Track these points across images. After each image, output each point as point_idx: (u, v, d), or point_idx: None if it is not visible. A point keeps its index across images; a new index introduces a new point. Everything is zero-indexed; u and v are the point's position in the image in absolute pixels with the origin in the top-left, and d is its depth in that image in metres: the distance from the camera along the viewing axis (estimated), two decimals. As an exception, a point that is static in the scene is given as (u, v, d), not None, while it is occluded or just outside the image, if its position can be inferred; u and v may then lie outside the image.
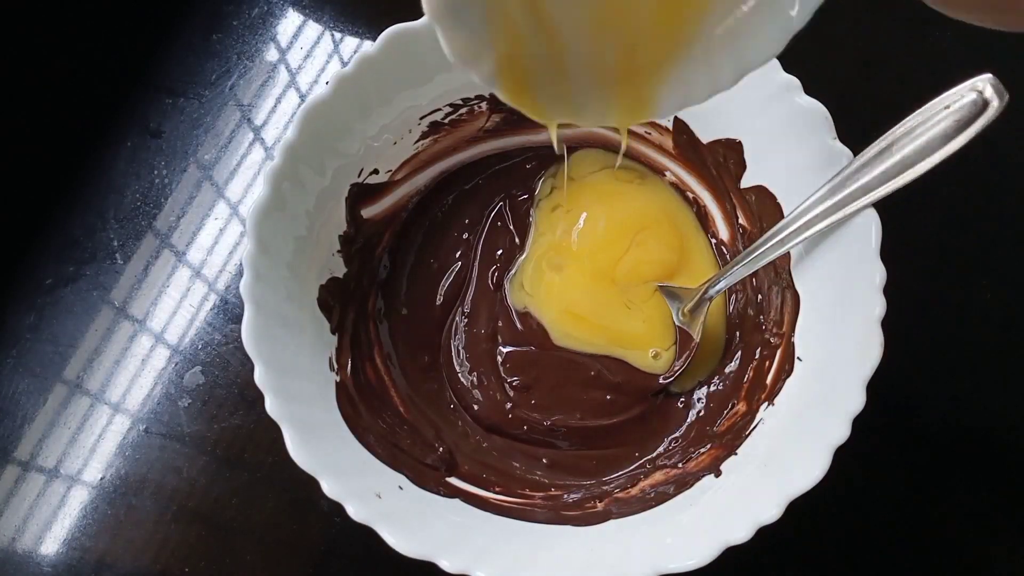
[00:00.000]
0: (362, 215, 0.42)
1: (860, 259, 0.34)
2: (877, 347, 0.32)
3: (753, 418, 0.38)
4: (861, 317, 0.33)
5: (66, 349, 0.47)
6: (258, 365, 0.33)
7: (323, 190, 0.38)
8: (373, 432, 0.38)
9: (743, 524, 0.32)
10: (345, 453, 0.36)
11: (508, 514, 0.38)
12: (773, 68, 0.36)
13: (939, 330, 0.46)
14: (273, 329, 0.35)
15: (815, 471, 0.32)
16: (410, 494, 0.36)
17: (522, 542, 0.36)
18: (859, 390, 0.32)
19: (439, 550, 0.32)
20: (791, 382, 0.37)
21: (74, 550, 0.44)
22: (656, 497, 0.38)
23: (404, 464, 0.38)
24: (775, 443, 0.36)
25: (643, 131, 0.43)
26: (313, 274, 0.39)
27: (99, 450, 0.46)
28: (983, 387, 0.45)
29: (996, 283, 0.46)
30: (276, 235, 0.36)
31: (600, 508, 0.39)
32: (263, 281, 0.35)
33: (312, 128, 0.36)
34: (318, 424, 0.35)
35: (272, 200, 0.35)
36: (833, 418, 0.32)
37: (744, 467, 0.36)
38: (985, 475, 0.44)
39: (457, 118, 0.42)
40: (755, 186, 0.40)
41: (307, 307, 0.39)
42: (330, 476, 0.32)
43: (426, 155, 0.43)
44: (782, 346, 0.39)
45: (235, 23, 0.52)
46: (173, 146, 0.50)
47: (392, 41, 0.36)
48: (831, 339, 0.35)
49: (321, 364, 0.38)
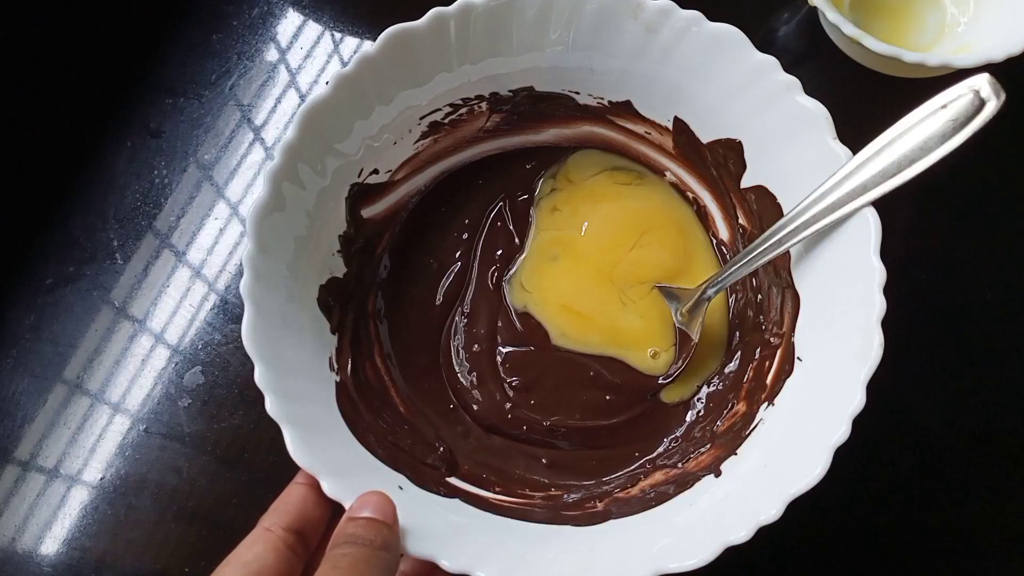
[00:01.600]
0: (362, 215, 0.42)
1: (860, 258, 0.34)
2: (877, 347, 0.32)
3: (753, 418, 0.38)
4: (861, 317, 0.33)
5: (66, 349, 0.47)
6: (258, 365, 0.33)
7: (323, 190, 0.38)
8: (373, 432, 0.38)
9: (743, 524, 0.32)
10: (345, 453, 0.36)
11: (508, 514, 0.38)
12: (773, 68, 0.36)
13: (940, 329, 0.46)
14: (273, 329, 0.35)
15: (815, 471, 0.32)
16: (410, 494, 0.36)
17: (522, 542, 0.36)
18: (859, 390, 0.32)
19: (439, 550, 0.32)
20: (791, 382, 0.37)
21: (74, 550, 0.44)
22: (656, 497, 0.38)
23: (404, 464, 0.38)
24: (775, 443, 0.36)
25: (643, 131, 0.43)
26: (313, 274, 0.39)
27: (99, 450, 0.46)
28: (984, 387, 0.45)
29: (996, 283, 0.47)
30: (276, 235, 0.36)
31: (600, 508, 0.39)
32: (263, 281, 0.35)
33: (312, 128, 0.36)
34: (318, 424, 0.35)
35: (272, 200, 0.35)
36: (833, 418, 0.32)
37: (744, 467, 0.36)
38: (986, 475, 0.44)
39: (457, 118, 0.42)
40: (755, 186, 0.40)
41: (307, 307, 0.39)
42: (330, 476, 0.32)
43: (426, 155, 0.43)
44: (782, 346, 0.39)
45: (235, 23, 0.52)
46: (173, 146, 0.50)
47: (392, 41, 0.36)
48: (831, 339, 0.35)
49: (321, 364, 0.38)
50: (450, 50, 0.38)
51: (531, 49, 0.39)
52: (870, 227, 0.34)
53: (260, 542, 0.30)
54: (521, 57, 0.39)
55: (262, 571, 0.29)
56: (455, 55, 0.38)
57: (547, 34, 0.38)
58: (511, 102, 0.42)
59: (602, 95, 0.41)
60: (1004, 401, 0.45)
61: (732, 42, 0.36)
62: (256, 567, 0.29)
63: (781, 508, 0.32)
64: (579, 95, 0.41)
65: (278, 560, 0.30)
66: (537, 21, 0.38)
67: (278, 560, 0.30)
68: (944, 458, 0.44)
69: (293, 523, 0.31)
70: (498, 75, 0.40)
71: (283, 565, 0.30)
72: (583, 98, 0.42)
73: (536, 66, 0.40)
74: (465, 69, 0.39)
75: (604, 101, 0.42)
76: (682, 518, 0.36)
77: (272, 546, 0.30)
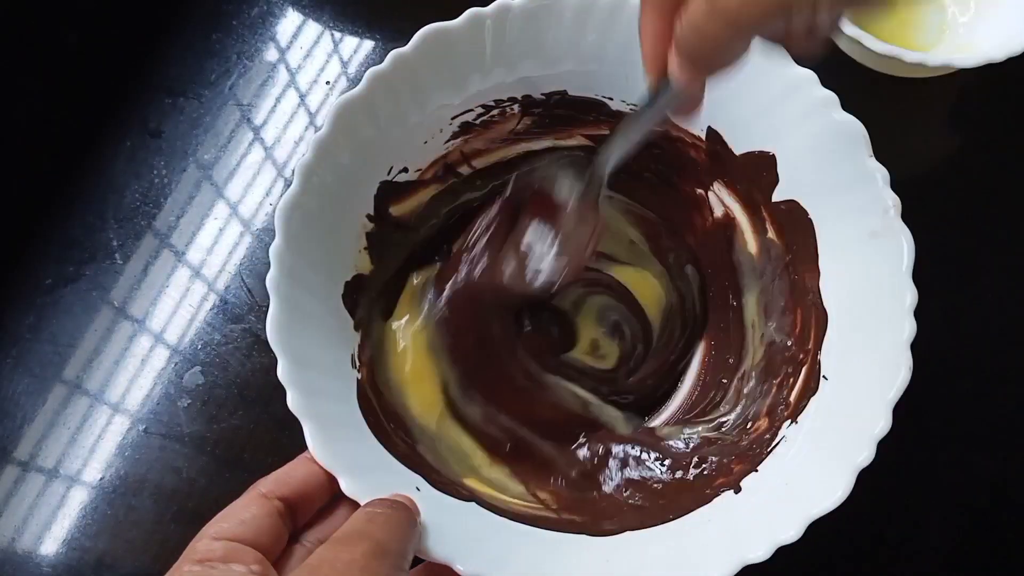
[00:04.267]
0: (390, 213, 0.41)
1: (891, 279, 0.33)
2: (905, 370, 0.32)
3: (775, 435, 0.38)
4: (889, 339, 0.33)
5: (65, 349, 0.47)
6: (281, 360, 0.33)
7: (352, 186, 0.38)
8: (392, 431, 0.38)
9: (762, 542, 0.31)
10: (364, 452, 0.36)
11: (524, 520, 0.37)
12: (811, 82, 0.35)
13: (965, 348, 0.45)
14: (297, 324, 0.34)
15: (837, 492, 0.31)
16: (427, 495, 0.36)
17: (537, 549, 0.35)
18: (885, 413, 0.32)
19: (454, 553, 0.32)
20: (815, 401, 0.37)
21: (74, 550, 0.44)
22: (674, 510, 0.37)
23: (422, 465, 0.38)
24: (797, 462, 0.35)
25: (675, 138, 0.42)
26: (339, 270, 0.39)
27: (99, 450, 0.46)
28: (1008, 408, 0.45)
29: (1002, 292, 0.46)
30: (304, 230, 0.35)
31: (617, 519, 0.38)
32: (289, 275, 0.34)
33: (344, 124, 0.36)
34: (339, 421, 0.35)
35: (302, 194, 0.35)
36: (858, 440, 0.32)
37: (765, 484, 0.36)
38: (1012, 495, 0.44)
39: (489, 119, 0.41)
40: (786, 200, 0.39)
41: (331, 303, 0.38)
42: (349, 474, 0.32)
43: (456, 155, 0.43)
44: (807, 364, 0.38)
45: (235, 23, 0.52)
46: (173, 146, 0.50)
47: (427, 40, 0.36)
48: (858, 359, 0.35)
49: (343, 361, 0.38)
50: (485, 51, 0.37)
51: (567, 52, 0.38)
52: (903, 247, 0.33)
53: (256, 505, 0.30)
54: (556, 60, 0.39)
55: (259, 532, 0.29)
56: (490, 56, 0.38)
57: (584, 37, 0.38)
58: (544, 105, 0.41)
59: (636, 102, 0.41)
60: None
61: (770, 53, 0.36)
62: (254, 526, 0.29)
63: (801, 529, 0.31)
64: (612, 101, 0.41)
65: (272, 526, 0.30)
66: (574, 24, 0.37)
67: (272, 526, 0.30)
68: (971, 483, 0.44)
69: (289, 496, 0.31)
70: (532, 78, 0.39)
71: (276, 532, 0.30)
72: (616, 104, 0.41)
73: (571, 70, 0.39)
74: (499, 71, 0.39)
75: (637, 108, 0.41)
76: (700, 533, 0.35)
77: (267, 511, 0.30)
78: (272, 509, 0.30)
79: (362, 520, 0.29)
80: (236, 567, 0.28)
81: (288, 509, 0.31)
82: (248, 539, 0.29)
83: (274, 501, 0.31)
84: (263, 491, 0.31)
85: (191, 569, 0.28)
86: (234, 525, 0.29)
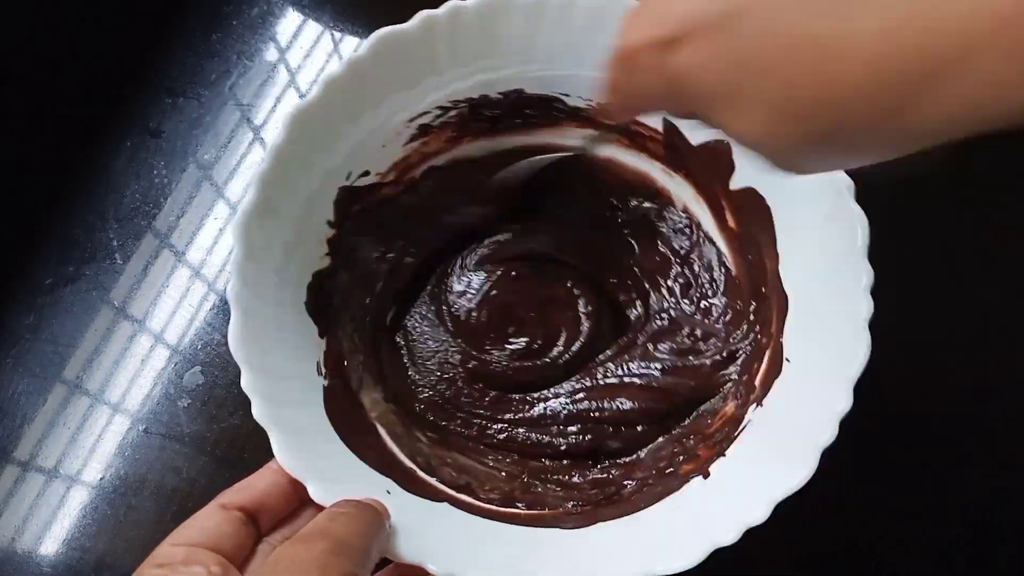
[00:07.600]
0: (351, 218, 0.42)
1: (846, 259, 0.34)
2: (864, 348, 0.32)
3: (742, 419, 0.38)
4: (848, 318, 0.33)
5: (65, 349, 0.47)
6: (245, 370, 0.33)
7: (312, 193, 0.38)
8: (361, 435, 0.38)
9: (730, 526, 0.32)
10: (333, 458, 0.36)
11: (495, 517, 0.38)
12: None
13: (929, 329, 0.46)
14: (261, 334, 0.35)
15: (802, 472, 0.32)
16: (398, 498, 0.36)
17: (509, 545, 0.36)
18: (846, 391, 0.32)
19: (426, 553, 0.32)
20: (779, 383, 0.37)
21: (74, 550, 0.44)
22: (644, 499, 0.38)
23: (393, 467, 0.38)
24: (763, 444, 0.36)
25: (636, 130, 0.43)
26: (302, 278, 0.39)
27: (99, 450, 0.46)
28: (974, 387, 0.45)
29: (988, 282, 0.46)
30: (264, 240, 0.36)
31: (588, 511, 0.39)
32: (250, 287, 0.35)
33: (300, 131, 0.36)
34: (306, 428, 0.35)
35: (260, 204, 0.35)
36: (820, 419, 0.32)
37: (732, 468, 0.36)
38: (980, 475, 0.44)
39: (447, 120, 0.41)
40: (744, 188, 0.39)
41: (295, 311, 0.39)
42: (317, 481, 0.32)
43: (416, 157, 0.43)
44: (771, 347, 0.39)
45: (235, 23, 0.52)
46: (173, 146, 0.50)
47: (381, 44, 0.36)
48: (819, 340, 0.35)
49: (309, 368, 0.38)
50: (440, 53, 0.37)
51: (521, 52, 0.38)
52: (857, 228, 0.34)
53: (218, 515, 0.31)
54: (511, 59, 0.39)
55: (220, 537, 0.30)
56: (445, 57, 0.38)
57: (537, 36, 0.38)
58: (501, 105, 0.42)
59: (592, 97, 0.41)
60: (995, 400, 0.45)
61: None
62: (215, 532, 0.30)
63: (768, 510, 0.32)
64: (569, 97, 0.41)
65: (235, 532, 0.30)
66: (527, 23, 0.37)
67: (235, 532, 0.30)
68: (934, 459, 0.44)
69: (249, 506, 0.31)
70: (488, 78, 0.40)
71: (238, 538, 0.30)
72: (573, 100, 0.41)
73: (526, 69, 0.39)
74: (455, 71, 0.39)
75: (593, 103, 0.42)
76: (670, 520, 0.36)
77: (228, 519, 0.30)
78: (233, 517, 0.31)
79: (324, 519, 0.30)
80: (196, 569, 0.28)
81: (250, 518, 0.31)
82: (209, 544, 0.29)
83: (234, 512, 0.31)
84: (223, 502, 0.31)
85: (151, 572, 0.28)
86: (194, 532, 0.30)
